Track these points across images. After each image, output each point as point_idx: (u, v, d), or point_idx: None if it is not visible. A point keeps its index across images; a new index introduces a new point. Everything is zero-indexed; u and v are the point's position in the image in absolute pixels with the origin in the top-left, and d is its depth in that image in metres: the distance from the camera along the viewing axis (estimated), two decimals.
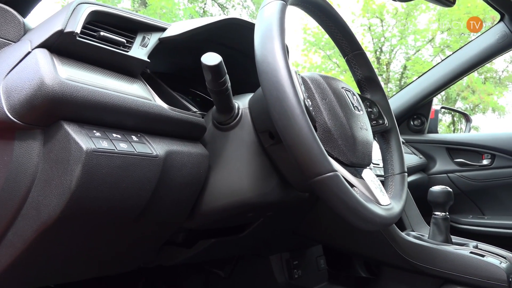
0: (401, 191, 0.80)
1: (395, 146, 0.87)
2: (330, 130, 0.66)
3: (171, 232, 0.76)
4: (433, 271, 0.92)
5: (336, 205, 0.58)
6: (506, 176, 1.64)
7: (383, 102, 0.89)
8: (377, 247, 1.00)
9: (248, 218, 0.83)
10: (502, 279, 0.84)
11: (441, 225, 0.99)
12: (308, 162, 0.56)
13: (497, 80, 11.82)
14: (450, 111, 2.18)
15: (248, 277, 1.24)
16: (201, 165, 0.69)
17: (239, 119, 0.72)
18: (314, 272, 1.29)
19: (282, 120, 0.56)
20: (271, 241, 1.10)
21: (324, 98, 0.68)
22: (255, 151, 0.71)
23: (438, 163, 1.78)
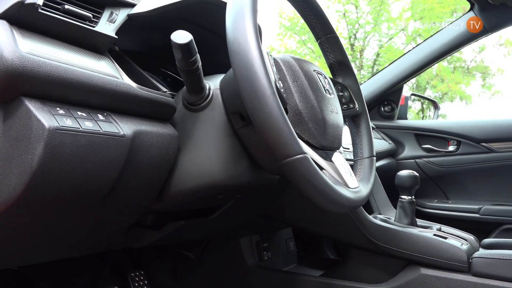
0: (369, 174, 0.81)
1: (364, 130, 0.88)
2: (301, 112, 0.66)
3: (139, 214, 0.75)
4: (398, 252, 0.94)
5: (304, 187, 0.59)
6: (470, 162, 1.70)
7: (355, 86, 0.89)
8: (345, 229, 1.01)
9: (218, 200, 0.82)
10: (462, 260, 0.87)
11: (407, 208, 1.02)
12: (277, 144, 0.56)
13: (466, 69, 12.14)
14: (419, 98, 2.23)
15: (217, 259, 1.25)
16: (170, 146, 0.68)
17: (210, 100, 0.71)
18: (284, 254, 1.30)
19: (252, 101, 0.55)
20: (241, 224, 1.10)
21: (295, 80, 0.68)
22: (225, 132, 0.70)
23: (407, 149, 1.82)
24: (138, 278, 1.23)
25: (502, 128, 1.68)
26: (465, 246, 0.90)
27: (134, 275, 1.23)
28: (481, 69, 12.16)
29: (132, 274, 1.23)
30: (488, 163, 1.67)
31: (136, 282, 1.22)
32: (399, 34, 11.18)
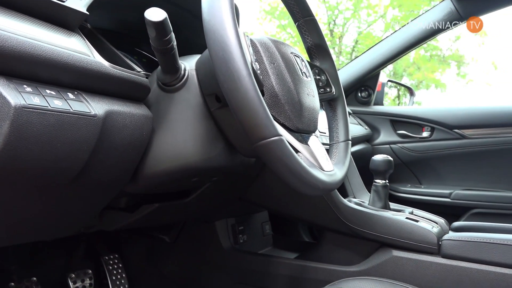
0: (345, 158, 0.82)
1: (341, 114, 0.88)
2: (277, 95, 0.66)
3: (112, 196, 0.74)
4: (371, 235, 0.96)
5: (279, 170, 0.59)
6: (442, 148, 1.74)
7: (332, 70, 0.89)
8: (320, 213, 1.03)
9: (193, 183, 0.82)
10: (433, 242, 0.89)
11: (381, 192, 1.03)
12: (253, 126, 0.55)
13: (441, 58, 12.34)
14: (396, 85, 2.25)
15: (193, 242, 1.25)
16: (144, 127, 0.66)
17: (185, 80, 0.70)
18: (259, 237, 1.31)
19: (227, 82, 0.55)
20: (217, 207, 1.10)
21: (272, 62, 0.67)
22: (201, 114, 0.69)
23: (382, 134, 1.84)
24: (113, 261, 1.22)
25: (474, 115, 1.72)
26: (436, 229, 0.92)
27: (108, 258, 1.22)
28: (456, 58, 12.38)
29: (106, 257, 1.22)
30: (460, 149, 1.71)
31: (110, 265, 1.21)
32: (378, 21, 11.24)
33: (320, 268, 1.03)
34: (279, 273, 1.10)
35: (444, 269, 0.87)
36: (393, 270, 0.92)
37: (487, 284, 0.82)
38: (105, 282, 1.19)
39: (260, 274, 1.14)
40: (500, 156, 1.67)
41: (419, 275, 0.89)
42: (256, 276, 1.14)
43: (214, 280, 1.22)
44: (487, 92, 12.61)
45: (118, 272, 1.21)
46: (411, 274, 0.90)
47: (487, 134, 1.68)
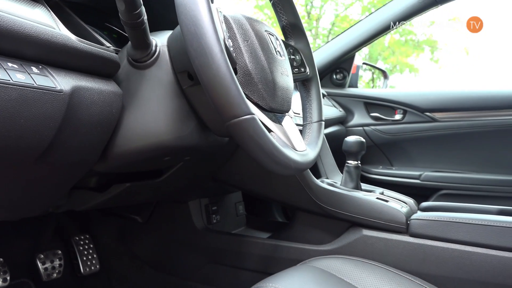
0: (317, 138, 0.82)
1: (315, 95, 0.88)
2: (251, 73, 0.65)
3: (80, 175, 0.72)
4: (342, 215, 0.98)
5: (251, 149, 0.58)
6: (414, 131, 1.77)
7: (306, 50, 0.89)
8: (293, 193, 1.03)
9: (165, 162, 0.81)
10: (401, 221, 0.91)
11: (353, 173, 1.05)
12: (225, 104, 0.55)
13: (416, 43, 12.49)
14: (370, 68, 2.27)
15: (166, 223, 1.24)
16: (113, 104, 0.64)
17: (157, 57, 0.68)
18: (233, 217, 1.31)
19: (199, 58, 0.53)
20: (190, 187, 1.10)
21: (246, 40, 0.66)
22: (172, 92, 0.68)
23: (356, 117, 1.86)
24: (83, 241, 1.20)
25: (444, 99, 1.75)
26: (405, 209, 0.95)
27: (79, 239, 1.20)
28: (430, 43, 12.56)
29: (76, 237, 1.20)
30: (431, 132, 1.75)
31: (80, 245, 1.19)
32: (355, 4, 11.25)
33: (292, 247, 1.05)
34: (251, 252, 1.11)
35: (411, 247, 0.89)
36: (363, 249, 0.94)
37: (451, 261, 0.85)
38: (75, 263, 1.17)
39: (233, 254, 1.14)
40: (468, 139, 1.72)
41: (387, 253, 0.92)
42: (229, 256, 1.15)
43: (186, 259, 1.22)
44: (459, 77, 12.91)
45: (89, 252, 1.19)
46: (380, 252, 0.92)
47: (457, 118, 1.72)
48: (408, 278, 0.79)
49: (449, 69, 13.05)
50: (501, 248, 0.81)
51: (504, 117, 1.66)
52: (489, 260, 0.81)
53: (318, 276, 0.74)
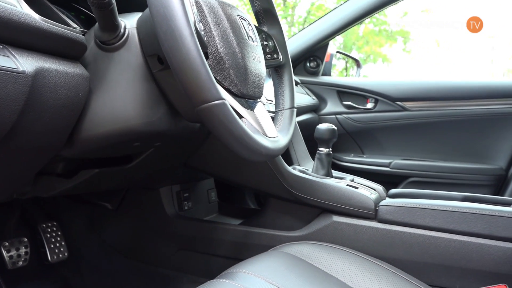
0: (289, 125, 0.82)
1: (287, 81, 0.88)
2: (222, 58, 0.64)
3: (46, 161, 0.70)
4: (313, 201, 0.99)
5: (222, 134, 0.58)
6: (385, 120, 1.80)
7: (280, 36, 0.88)
8: (265, 179, 1.04)
9: (134, 148, 0.79)
10: (370, 208, 0.93)
11: (324, 160, 1.06)
12: (195, 88, 0.54)
13: (389, 33, 12.66)
14: (344, 57, 2.29)
15: (136, 209, 1.22)
16: (79, 87, 0.62)
17: (125, 39, 0.66)
18: (205, 204, 1.31)
19: (168, 41, 0.52)
20: (161, 174, 1.08)
21: (217, 24, 0.65)
22: (142, 75, 0.66)
23: (329, 105, 1.88)
24: (51, 229, 1.17)
25: (415, 88, 1.79)
26: (374, 196, 0.96)
27: (46, 226, 1.17)
28: (402, 33, 12.75)
29: (43, 225, 1.17)
30: (401, 120, 1.79)
31: (48, 233, 1.16)
32: None
33: (264, 233, 1.06)
34: (223, 239, 1.11)
35: (379, 232, 0.91)
36: (332, 234, 0.96)
37: (417, 246, 0.87)
38: (43, 251, 1.14)
39: (205, 240, 1.14)
40: (436, 128, 1.76)
41: (356, 239, 0.93)
42: (201, 242, 1.15)
43: (157, 246, 1.21)
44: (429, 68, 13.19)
45: (56, 240, 1.16)
46: (349, 238, 0.94)
47: (426, 107, 1.76)
48: (376, 263, 0.81)
49: (421, 60, 13.31)
50: (463, 233, 0.84)
51: (470, 107, 1.71)
52: (453, 244, 0.84)
53: (288, 262, 0.75)
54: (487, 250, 0.82)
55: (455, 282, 0.85)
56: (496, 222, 0.82)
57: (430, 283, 0.85)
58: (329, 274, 0.74)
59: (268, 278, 0.66)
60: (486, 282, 0.81)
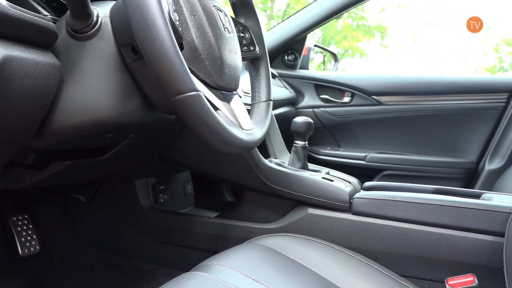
0: (265, 117, 0.82)
1: (264, 74, 0.88)
2: (197, 49, 0.63)
3: (14, 152, 0.68)
4: (288, 194, 0.99)
5: (197, 126, 0.57)
6: (361, 113, 1.83)
7: (256, 28, 0.88)
8: (241, 172, 1.04)
9: (108, 139, 0.78)
10: (345, 200, 0.94)
11: (300, 153, 1.06)
12: (169, 79, 0.53)
13: (367, 28, 12.79)
14: (322, 50, 2.30)
15: (111, 202, 1.21)
16: (50, 76, 0.61)
17: (98, 28, 0.65)
18: (181, 197, 1.30)
19: (142, 30, 0.51)
20: (135, 166, 1.07)
21: (193, 14, 0.64)
22: (115, 65, 0.65)
23: (306, 98, 1.89)
24: (21, 222, 1.14)
25: (390, 83, 1.81)
26: (348, 188, 0.98)
27: (17, 219, 1.14)
28: (380, 29, 12.91)
29: (14, 218, 1.14)
30: (377, 114, 1.81)
31: (19, 226, 1.13)
32: None
33: (240, 226, 1.06)
34: (199, 231, 1.11)
35: (354, 224, 0.93)
36: (308, 227, 0.97)
37: (390, 238, 0.89)
38: (13, 244, 1.11)
39: (180, 233, 1.14)
40: (411, 122, 1.79)
41: (331, 231, 0.95)
42: (176, 235, 1.14)
43: (132, 239, 1.20)
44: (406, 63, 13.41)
45: (27, 233, 1.14)
46: (324, 230, 0.95)
47: (401, 102, 1.79)
48: (349, 254, 0.82)
49: (397, 55, 13.51)
50: (434, 224, 0.86)
51: (444, 102, 1.75)
52: (423, 236, 0.86)
53: (264, 254, 0.76)
54: (457, 241, 0.84)
55: (425, 272, 0.87)
56: (465, 214, 0.84)
57: (402, 274, 0.87)
58: (303, 266, 0.75)
59: (243, 270, 0.66)
60: (455, 272, 0.84)
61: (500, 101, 1.71)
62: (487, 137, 1.74)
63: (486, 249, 0.82)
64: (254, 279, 0.65)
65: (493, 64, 13.03)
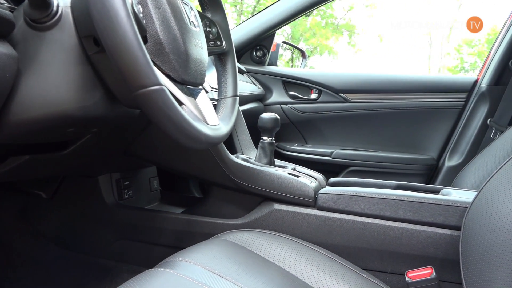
0: (231, 113, 0.82)
1: (230, 69, 0.88)
2: (162, 42, 0.62)
3: None
4: (255, 189, 1.00)
5: (160, 121, 0.57)
6: (328, 110, 1.86)
7: (223, 23, 0.88)
8: (208, 168, 1.03)
9: (69, 133, 0.75)
10: (310, 196, 0.96)
11: (267, 149, 1.07)
12: (132, 73, 0.52)
13: (336, 26, 12.98)
14: (290, 47, 2.32)
15: (73, 198, 1.17)
16: (6, 68, 0.58)
17: (58, 18, 0.62)
18: (146, 192, 1.28)
19: (103, 21, 0.50)
20: (99, 161, 1.04)
21: (157, 7, 0.63)
22: (76, 57, 0.63)
23: (274, 94, 1.90)
24: None
25: (356, 81, 1.85)
26: (314, 184, 0.99)
27: None
28: (348, 27, 13.13)
29: None
30: (343, 111, 1.84)
31: None
32: None
33: (206, 221, 1.05)
34: (164, 227, 1.10)
35: (318, 220, 0.94)
36: (273, 222, 0.98)
37: (353, 232, 0.91)
38: None
39: (145, 229, 1.12)
40: (375, 119, 1.84)
41: (296, 226, 0.96)
42: (141, 231, 1.13)
43: (96, 236, 1.17)
44: (372, 62, 13.70)
45: None
46: (289, 225, 0.96)
47: (366, 99, 1.83)
48: (314, 249, 0.84)
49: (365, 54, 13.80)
50: (395, 219, 0.89)
51: (407, 100, 1.80)
52: (385, 230, 0.89)
53: (229, 249, 0.76)
54: (416, 235, 0.87)
55: (386, 265, 0.90)
56: (424, 208, 0.87)
57: (364, 267, 0.89)
58: (268, 261, 0.76)
59: (208, 266, 0.66)
60: (415, 264, 0.87)
61: (460, 100, 1.78)
62: (447, 134, 1.81)
63: (444, 242, 0.85)
64: (219, 274, 0.65)
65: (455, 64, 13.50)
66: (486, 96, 1.72)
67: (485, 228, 0.64)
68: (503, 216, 0.60)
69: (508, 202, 0.61)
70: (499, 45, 1.74)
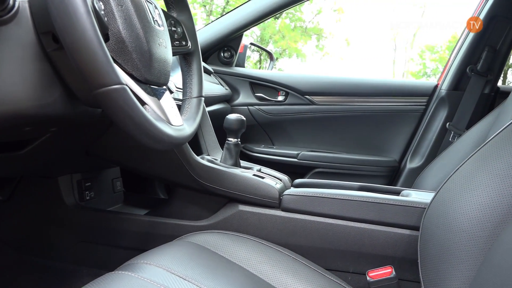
0: (196, 114, 0.81)
1: (196, 70, 0.87)
2: (124, 41, 0.61)
3: None
4: (220, 191, 0.99)
5: (122, 121, 0.55)
6: (294, 112, 1.87)
7: (189, 23, 0.87)
8: (172, 169, 1.02)
9: (26, 133, 0.73)
10: (274, 197, 0.96)
11: (232, 150, 1.07)
12: (91, 71, 0.51)
13: (304, 29, 13.14)
14: (258, 49, 2.33)
15: (31, 200, 1.13)
16: None
17: (15, 13, 0.60)
18: (109, 194, 1.25)
19: (62, 18, 0.48)
20: (59, 161, 1.01)
21: (120, 4, 0.62)
22: (34, 54, 0.61)
23: (241, 96, 1.90)
24: None
25: (322, 83, 1.88)
26: (279, 185, 1.00)
27: None
28: (316, 31, 13.32)
29: None
30: (309, 114, 1.87)
31: None
32: None
33: (170, 223, 1.04)
34: (127, 229, 1.08)
35: (283, 220, 0.95)
36: (238, 223, 0.97)
37: (317, 233, 0.92)
38: None
39: (107, 231, 1.09)
40: (340, 122, 1.87)
41: (261, 227, 0.96)
42: (103, 234, 1.10)
43: (55, 239, 1.13)
44: (339, 65, 13.96)
45: None
46: (254, 226, 0.96)
47: (332, 102, 1.86)
48: (278, 250, 0.84)
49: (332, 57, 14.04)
50: (357, 220, 0.91)
51: (370, 103, 1.84)
52: (348, 230, 0.90)
53: (192, 251, 0.75)
54: (377, 235, 0.89)
55: (348, 265, 0.91)
56: (385, 209, 0.89)
57: (327, 267, 0.90)
58: (232, 262, 0.76)
59: (170, 268, 0.65)
60: (376, 264, 0.89)
61: (421, 104, 1.84)
62: (408, 137, 1.86)
63: (403, 242, 0.88)
64: (182, 277, 0.64)
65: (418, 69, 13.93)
66: (446, 100, 1.78)
67: (442, 228, 0.66)
68: (459, 216, 0.63)
69: (463, 203, 0.63)
70: (457, 51, 1.81)
